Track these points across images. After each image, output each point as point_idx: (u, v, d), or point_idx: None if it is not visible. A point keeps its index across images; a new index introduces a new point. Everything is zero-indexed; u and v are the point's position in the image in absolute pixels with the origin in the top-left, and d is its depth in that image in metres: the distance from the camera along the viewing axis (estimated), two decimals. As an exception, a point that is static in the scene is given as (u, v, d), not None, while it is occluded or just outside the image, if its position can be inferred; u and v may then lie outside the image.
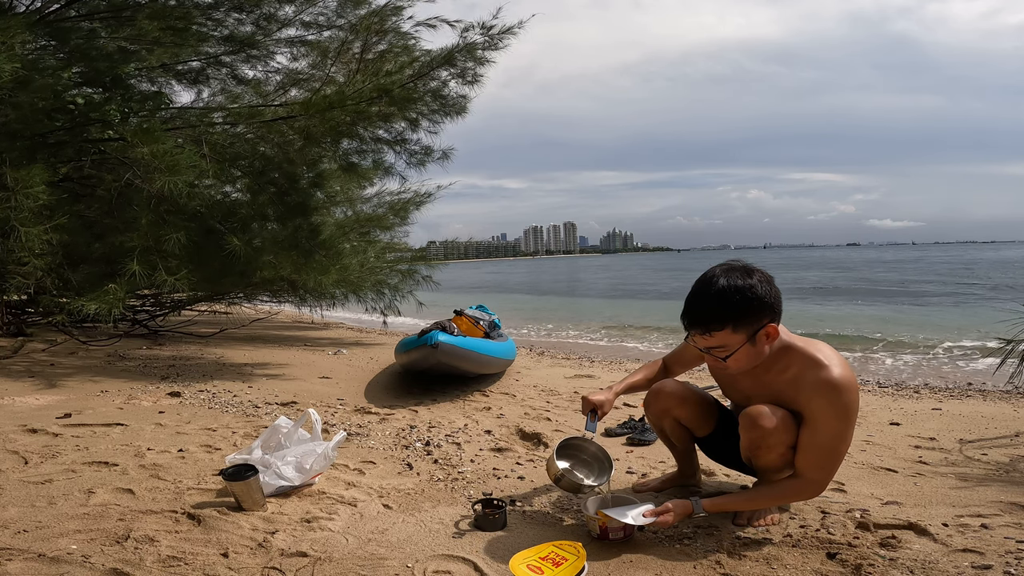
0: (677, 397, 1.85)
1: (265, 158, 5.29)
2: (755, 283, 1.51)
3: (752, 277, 1.52)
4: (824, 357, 1.55)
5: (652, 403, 1.90)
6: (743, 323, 1.51)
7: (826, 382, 1.51)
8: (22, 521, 1.68)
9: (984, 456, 2.46)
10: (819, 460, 1.56)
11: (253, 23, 5.24)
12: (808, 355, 1.56)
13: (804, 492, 1.62)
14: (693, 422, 1.87)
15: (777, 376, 1.61)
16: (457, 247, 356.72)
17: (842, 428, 1.54)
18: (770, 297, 1.52)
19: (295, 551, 1.53)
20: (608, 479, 1.80)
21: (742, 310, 1.50)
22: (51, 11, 4.81)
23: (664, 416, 1.89)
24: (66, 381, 3.78)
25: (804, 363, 1.56)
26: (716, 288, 1.51)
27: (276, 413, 3.13)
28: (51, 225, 3.88)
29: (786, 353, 1.59)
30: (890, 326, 9.52)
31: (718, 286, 1.51)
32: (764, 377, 1.64)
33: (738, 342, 1.53)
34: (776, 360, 1.60)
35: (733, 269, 1.55)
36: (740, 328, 1.52)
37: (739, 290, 1.49)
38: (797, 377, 1.56)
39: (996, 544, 1.55)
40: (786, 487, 1.62)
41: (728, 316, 1.50)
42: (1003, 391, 4.04)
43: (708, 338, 1.55)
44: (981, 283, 19.69)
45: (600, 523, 1.61)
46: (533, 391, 3.98)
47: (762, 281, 1.53)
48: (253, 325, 7.80)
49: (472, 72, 5.25)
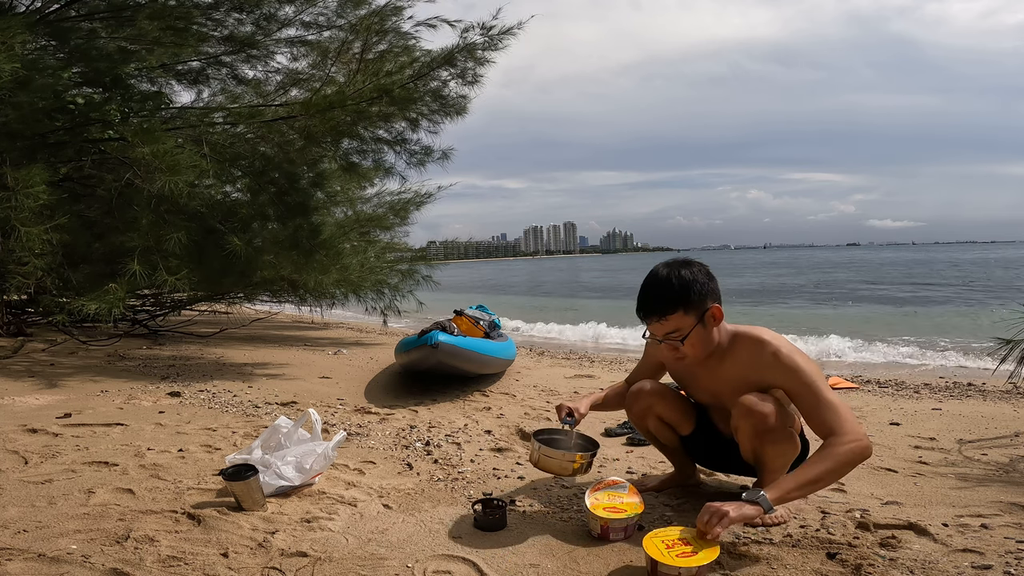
0: (656, 393, 1.93)
1: (265, 158, 5.29)
2: (695, 271, 1.70)
3: (692, 267, 1.71)
4: (767, 335, 1.72)
5: (633, 404, 1.96)
6: (692, 305, 1.68)
7: (776, 352, 1.67)
8: (22, 521, 1.68)
9: (984, 456, 2.46)
10: (832, 413, 1.56)
11: (253, 23, 5.24)
12: (753, 337, 1.73)
13: (853, 445, 1.50)
14: (675, 417, 1.94)
15: (732, 365, 1.74)
16: (457, 247, 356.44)
17: (818, 380, 1.62)
18: (710, 281, 1.72)
19: (295, 551, 1.53)
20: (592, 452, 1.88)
21: (689, 292, 1.67)
22: (51, 11, 4.81)
23: (647, 415, 1.95)
24: (66, 381, 3.78)
25: (752, 345, 1.72)
26: (663, 277, 1.70)
27: (276, 413, 3.13)
28: (51, 225, 3.88)
29: (735, 341, 1.75)
30: (891, 326, 9.52)
31: (664, 275, 1.70)
32: (720, 369, 1.77)
33: (690, 324, 1.69)
34: (728, 350, 1.75)
35: (675, 262, 1.74)
36: (690, 310, 1.68)
37: (681, 277, 1.69)
38: (752, 359, 1.71)
39: (996, 544, 1.55)
40: (836, 450, 1.49)
41: (679, 298, 1.67)
42: (1003, 391, 4.04)
43: (664, 323, 1.70)
44: (982, 283, 19.70)
45: (602, 523, 1.61)
46: (533, 391, 3.98)
47: (700, 270, 1.72)
48: (253, 325, 7.80)
49: (472, 72, 5.26)
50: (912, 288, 18.65)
